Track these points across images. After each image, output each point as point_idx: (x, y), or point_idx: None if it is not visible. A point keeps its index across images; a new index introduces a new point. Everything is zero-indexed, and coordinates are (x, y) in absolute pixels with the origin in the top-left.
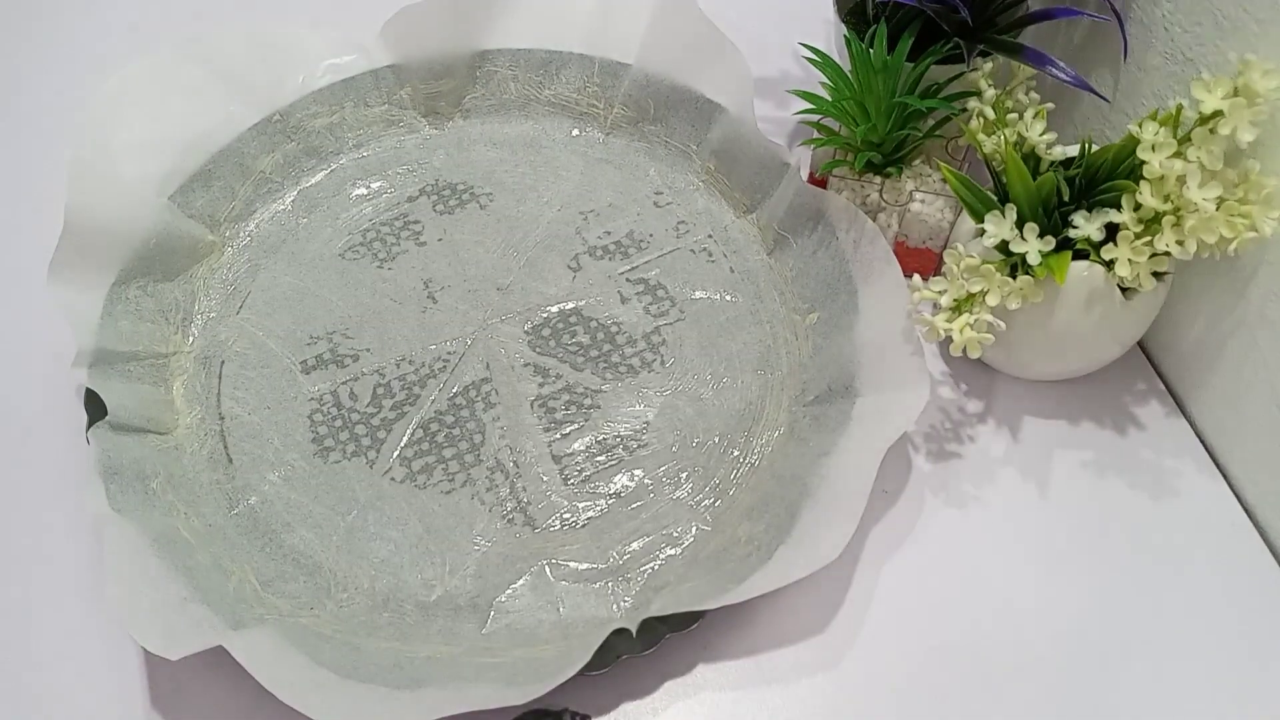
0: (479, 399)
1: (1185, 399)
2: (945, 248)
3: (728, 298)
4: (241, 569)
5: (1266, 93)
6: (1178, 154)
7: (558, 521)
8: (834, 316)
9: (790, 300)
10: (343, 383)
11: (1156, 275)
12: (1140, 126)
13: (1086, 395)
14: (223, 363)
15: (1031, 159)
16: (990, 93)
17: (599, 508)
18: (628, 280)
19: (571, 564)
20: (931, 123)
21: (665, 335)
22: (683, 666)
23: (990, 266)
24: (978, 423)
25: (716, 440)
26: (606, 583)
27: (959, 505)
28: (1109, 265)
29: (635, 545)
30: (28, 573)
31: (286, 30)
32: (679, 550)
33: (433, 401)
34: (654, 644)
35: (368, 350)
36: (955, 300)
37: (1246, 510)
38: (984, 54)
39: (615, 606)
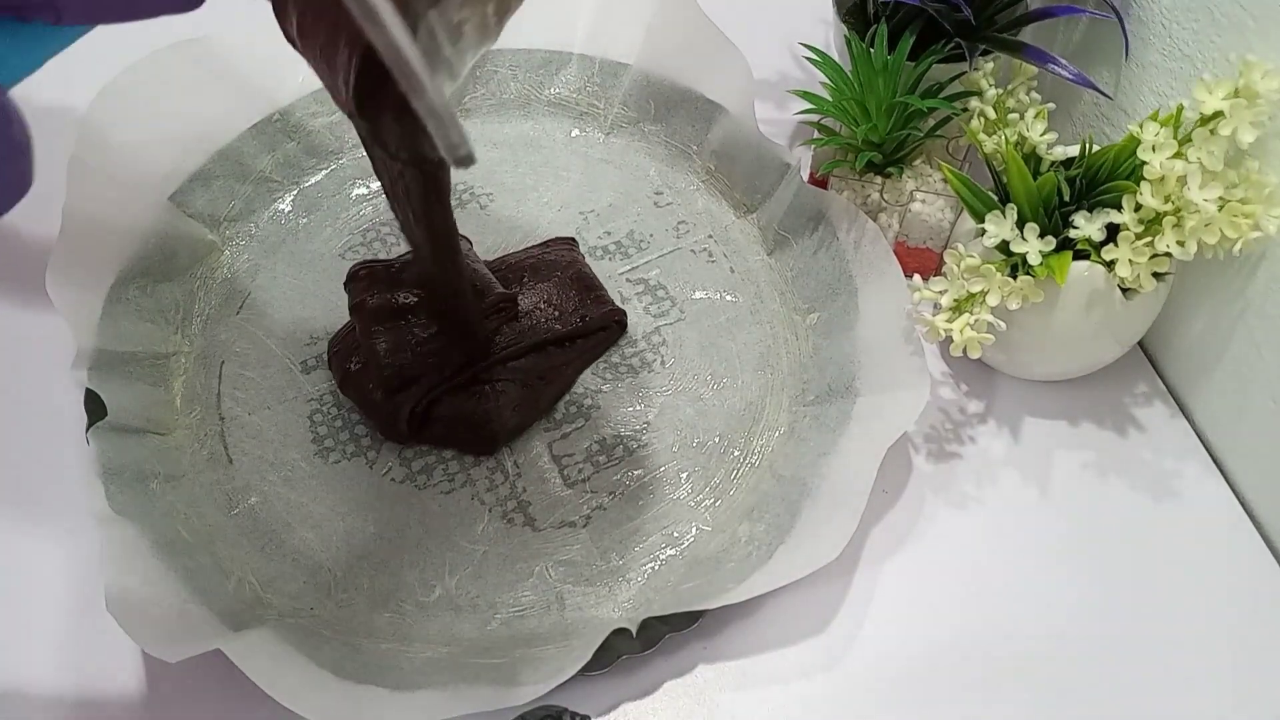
0: None
1: (1186, 399)
2: (946, 248)
3: (728, 298)
4: (241, 569)
5: (1267, 93)
6: (1178, 154)
7: (558, 521)
8: (834, 316)
9: (790, 300)
10: None
11: (1157, 276)
12: (1141, 127)
13: (1087, 395)
14: (223, 363)
15: (1032, 159)
16: (991, 92)
17: (599, 508)
18: (628, 280)
19: (571, 564)
20: (932, 122)
21: (665, 335)
22: (683, 666)
23: (990, 266)
24: (978, 423)
25: (716, 440)
26: (606, 583)
27: (959, 505)
28: (1109, 265)
29: (635, 545)
30: (27, 574)
31: None
32: (679, 550)
33: None
34: (654, 644)
35: None
36: (955, 300)
37: (1247, 510)
38: (985, 53)
39: (615, 606)
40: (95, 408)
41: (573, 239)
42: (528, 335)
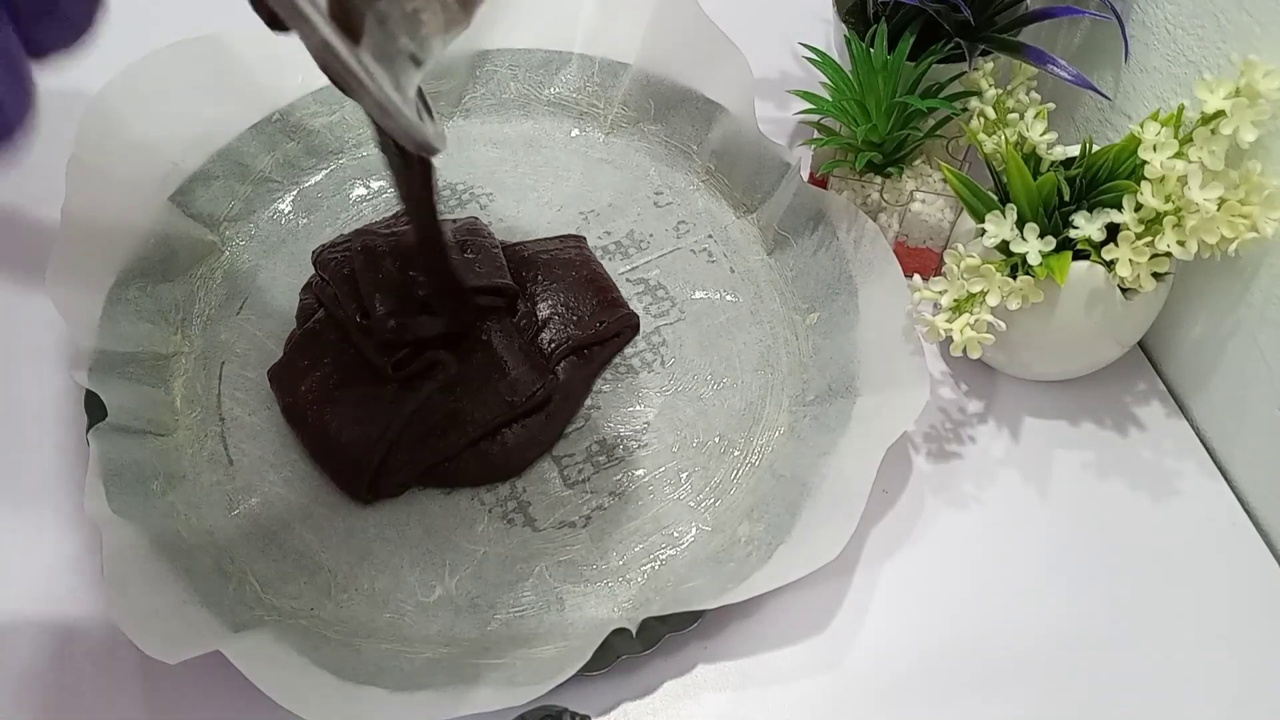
0: None
1: (1186, 399)
2: (945, 248)
3: (728, 298)
4: (241, 570)
5: (1268, 93)
6: (1179, 154)
7: (558, 521)
8: (834, 316)
9: (790, 300)
10: None
11: (1157, 276)
12: (1142, 127)
13: (1087, 395)
14: (223, 363)
15: (1032, 159)
16: (991, 92)
17: (599, 508)
18: (628, 280)
19: (571, 564)
20: (932, 122)
21: (665, 335)
22: (683, 666)
23: (990, 266)
24: (978, 423)
25: (716, 440)
26: (606, 583)
27: (959, 505)
28: (1109, 265)
29: (635, 545)
30: (27, 575)
31: None
32: (679, 550)
33: None
34: (654, 644)
35: None
36: (955, 300)
37: (1247, 510)
38: (985, 53)
39: (615, 606)
40: (95, 408)
41: (582, 237)
42: (554, 343)
